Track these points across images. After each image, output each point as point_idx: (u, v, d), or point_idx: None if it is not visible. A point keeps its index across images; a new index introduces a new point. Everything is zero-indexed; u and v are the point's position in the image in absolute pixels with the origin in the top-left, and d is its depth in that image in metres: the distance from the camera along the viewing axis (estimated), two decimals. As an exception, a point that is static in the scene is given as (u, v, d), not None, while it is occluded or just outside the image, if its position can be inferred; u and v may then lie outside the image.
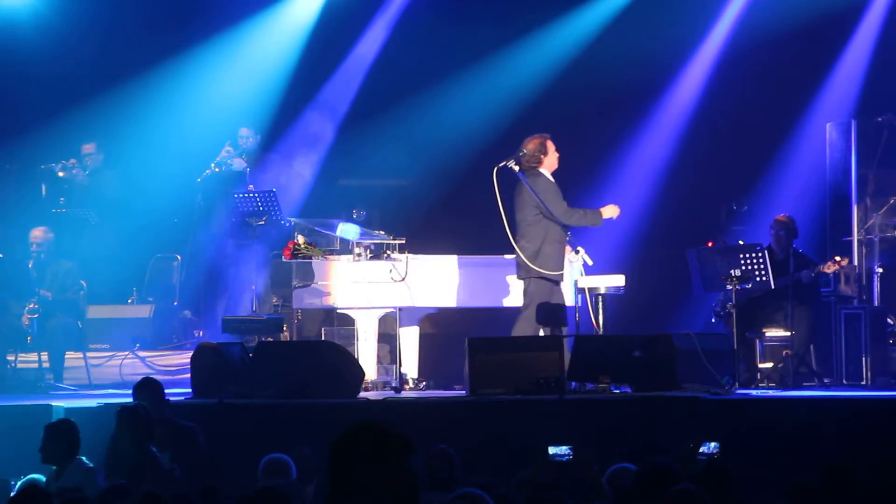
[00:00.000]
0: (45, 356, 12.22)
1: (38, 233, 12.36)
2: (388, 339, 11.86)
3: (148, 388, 8.83)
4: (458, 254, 11.96)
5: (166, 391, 9.04)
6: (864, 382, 11.83)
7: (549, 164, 11.36)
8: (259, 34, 14.68)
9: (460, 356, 10.67)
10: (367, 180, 14.45)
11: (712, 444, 6.62)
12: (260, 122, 14.23)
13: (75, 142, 14.21)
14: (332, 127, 14.57)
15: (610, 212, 11.36)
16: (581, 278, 11.33)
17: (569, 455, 6.53)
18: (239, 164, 13.86)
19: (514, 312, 11.60)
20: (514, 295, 11.71)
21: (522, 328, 11.07)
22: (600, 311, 11.17)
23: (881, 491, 6.14)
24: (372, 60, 14.75)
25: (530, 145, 11.32)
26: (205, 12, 14.31)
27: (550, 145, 11.39)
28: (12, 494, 6.64)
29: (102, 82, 14.13)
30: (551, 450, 6.53)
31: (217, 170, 13.89)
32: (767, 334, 12.17)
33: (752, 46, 14.46)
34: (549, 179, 11.28)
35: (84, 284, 12.56)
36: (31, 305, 12.07)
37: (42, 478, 7.90)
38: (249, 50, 14.60)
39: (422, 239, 12.32)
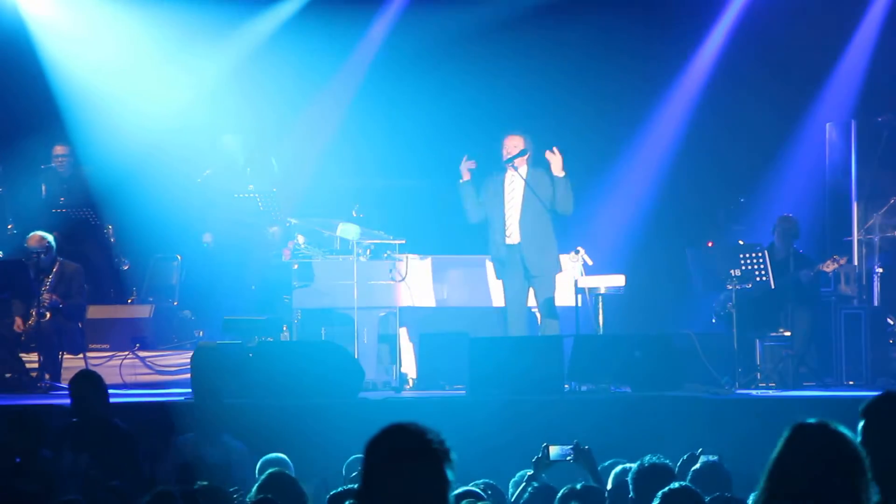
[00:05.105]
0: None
1: (32, 243, 12.25)
2: (388, 339, 11.85)
3: (93, 385, 8.72)
4: (458, 253, 11.95)
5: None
6: (864, 382, 11.83)
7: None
8: (258, 33, 14.67)
9: (460, 356, 10.67)
10: (368, 180, 14.42)
11: (711, 457, 6.58)
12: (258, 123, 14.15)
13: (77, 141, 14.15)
14: None
15: None
16: (581, 278, 11.33)
17: (571, 455, 6.51)
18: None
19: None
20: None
21: None
22: (600, 311, 11.17)
23: None
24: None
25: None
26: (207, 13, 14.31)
27: (507, 141, 11.43)
28: None
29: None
30: (552, 449, 6.50)
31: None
32: (767, 334, 12.16)
33: (751, 46, 14.45)
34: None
35: (86, 287, 12.53)
36: (34, 311, 12.03)
37: None
38: (247, 48, 14.59)
39: (422, 239, 12.31)
